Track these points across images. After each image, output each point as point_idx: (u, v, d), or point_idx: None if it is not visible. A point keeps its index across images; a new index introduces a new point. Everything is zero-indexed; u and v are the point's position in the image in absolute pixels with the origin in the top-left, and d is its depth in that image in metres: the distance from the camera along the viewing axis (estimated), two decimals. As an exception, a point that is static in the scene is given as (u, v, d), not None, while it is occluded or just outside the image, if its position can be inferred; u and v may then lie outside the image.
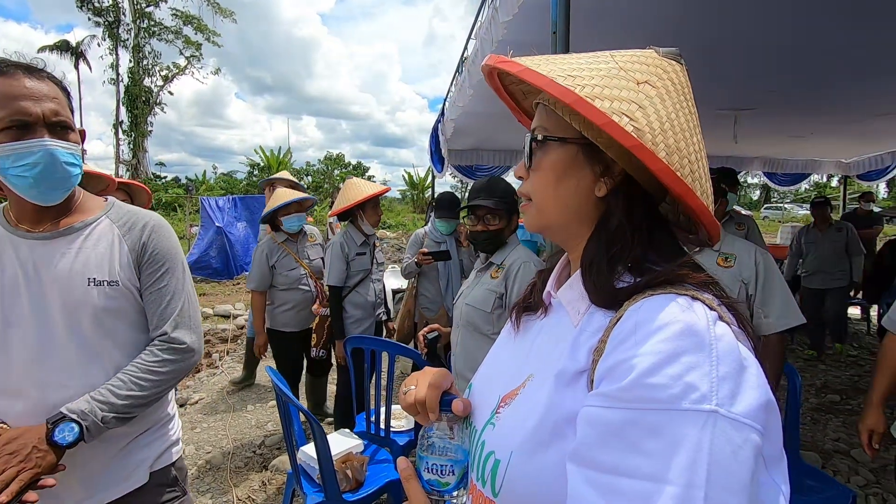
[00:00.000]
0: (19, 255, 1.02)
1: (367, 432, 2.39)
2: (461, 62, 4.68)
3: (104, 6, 23.43)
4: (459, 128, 5.23)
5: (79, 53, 24.65)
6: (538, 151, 0.61)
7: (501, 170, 7.54)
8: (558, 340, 0.59)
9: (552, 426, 0.51)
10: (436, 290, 3.15)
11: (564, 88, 0.50)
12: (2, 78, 0.96)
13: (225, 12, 25.26)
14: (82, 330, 1.03)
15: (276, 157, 25.97)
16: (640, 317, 0.48)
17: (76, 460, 1.02)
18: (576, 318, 0.58)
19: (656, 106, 0.52)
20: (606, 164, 0.57)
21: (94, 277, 1.04)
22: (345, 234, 2.91)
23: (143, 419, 1.12)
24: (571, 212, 0.60)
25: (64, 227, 1.06)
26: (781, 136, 5.85)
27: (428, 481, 0.59)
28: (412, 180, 29.27)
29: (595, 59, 0.55)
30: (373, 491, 1.99)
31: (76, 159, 1.03)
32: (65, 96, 1.04)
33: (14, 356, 1.01)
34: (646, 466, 0.42)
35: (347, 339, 2.52)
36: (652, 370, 0.44)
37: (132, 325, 1.11)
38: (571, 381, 0.52)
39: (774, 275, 1.85)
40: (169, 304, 1.12)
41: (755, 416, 0.42)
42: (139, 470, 1.12)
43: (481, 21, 3.47)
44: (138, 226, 1.12)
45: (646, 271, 0.54)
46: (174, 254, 1.15)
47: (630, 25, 2.78)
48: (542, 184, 0.61)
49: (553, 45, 1.98)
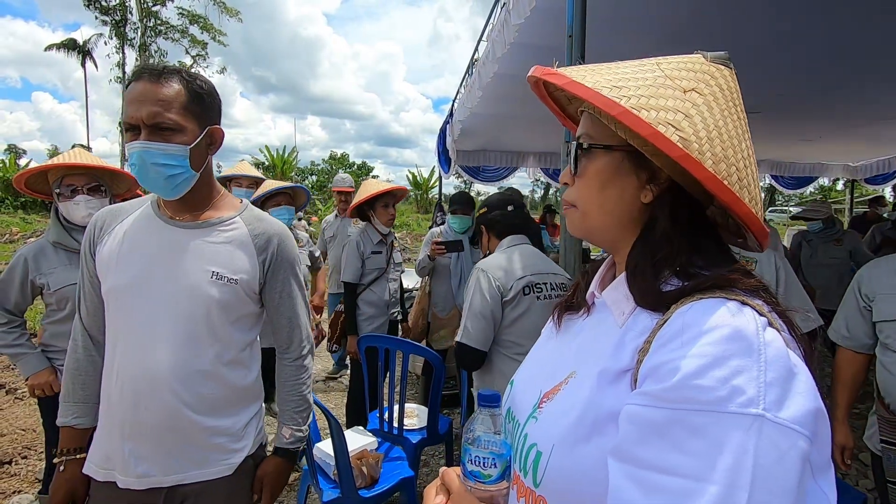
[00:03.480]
0: (160, 237, 1.13)
1: (381, 430, 2.42)
2: (471, 64, 4.70)
3: (111, 5, 23.54)
4: (467, 129, 5.25)
5: (86, 52, 24.76)
6: (584, 158, 0.62)
7: (508, 171, 7.56)
8: (601, 339, 0.60)
9: (592, 422, 0.53)
10: (447, 290, 3.17)
11: (610, 100, 0.51)
12: (133, 83, 1.06)
13: (231, 11, 25.34)
14: (195, 316, 1.11)
15: (282, 156, 26.00)
16: (687, 319, 0.49)
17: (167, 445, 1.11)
18: (620, 318, 0.59)
19: (703, 114, 0.52)
20: (652, 170, 0.58)
21: (218, 272, 1.13)
22: (362, 233, 2.96)
23: (237, 414, 1.19)
24: (616, 217, 0.61)
25: (202, 220, 1.16)
26: (789, 139, 5.86)
27: (471, 472, 0.61)
28: (416, 181, 29.30)
29: (641, 68, 0.56)
30: (387, 488, 2.01)
31: (171, 160, 1.07)
32: (189, 96, 1.08)
33: (131, 323, 1.10)
34: (688, 465, 0.42)
35: (361, 338, 2.55)
36: (699, 372, 0.44)
37: (234, 323, 1.17)
38: (615, 379, 0.54)
39: (793, 279, 1.88)
40: (291, 307, 1.26)
41: (803, 423, 0.42)
42: (228, 459, 1.17)
43: (493, 23, 3.50)
44: (267, 234, 1.21)
45: (693, 275, 0.55)
46: (296, 262, 1.27)
47: (643, 28, 2.80)
48: (587, 190, 0.62)
49: (569, 48, 2.00)
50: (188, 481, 1.13)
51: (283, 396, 1.29)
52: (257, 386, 1.26)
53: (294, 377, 1.30)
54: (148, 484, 1.10)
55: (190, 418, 1.11)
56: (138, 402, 1.09)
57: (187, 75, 1.10)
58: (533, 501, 0.58)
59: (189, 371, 1.11)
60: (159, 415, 1.09)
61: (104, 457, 1.12)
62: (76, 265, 1.84)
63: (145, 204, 1.20)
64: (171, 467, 1.11)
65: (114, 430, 1.11)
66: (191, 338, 1.11)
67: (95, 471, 1.13)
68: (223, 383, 1.15)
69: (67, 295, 1.82)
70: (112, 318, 1.14)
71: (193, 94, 1.09)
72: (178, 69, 1.10)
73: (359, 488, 1.95)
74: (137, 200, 1.22)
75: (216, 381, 1.14)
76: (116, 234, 1.15)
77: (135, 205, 1.21)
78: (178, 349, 1.10)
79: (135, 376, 1.09)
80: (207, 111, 1.13)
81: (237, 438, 1.18)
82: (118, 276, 1.12)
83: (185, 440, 1.12)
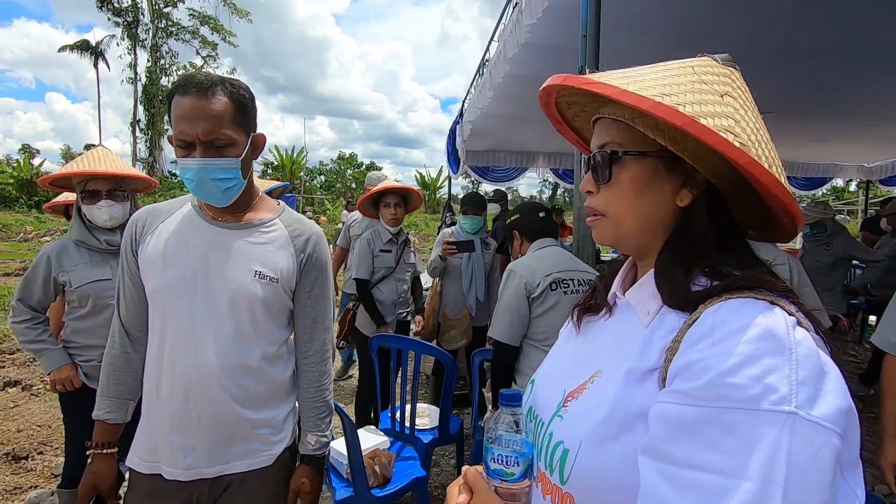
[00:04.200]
0: (205, 237, 1.17)
1: (392, 429, 2.42)
2: (482, 64, 4.70)
3: (123, 6, 23.81)
4: (477, 129, 5.25)
5: (98, 53, 25.05)
6: (615, 166, 0.61)
7: (517, 171, 7.56)
8: (625, 339, 0.61)
9: (620, 420, 0.53)
10: (458, 290, 3.17)
11: (672, 109, 0.51)
12: (177, 97, 1.08)
13: (241, 12, 25.55)
14: (239, 312, 1.15)
15: (291, 156, 26.15)
16: (717, 318, 0.49)
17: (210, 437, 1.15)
18: (645, 318, 0.59)
19: (745, 117, 0.53)
20: (687, 174, 0.58)
21: (260, 271, 1.17)
22: (373, 231, 3.00)
23: (277, 407, 1.24)
24: (650, 223, 0.61)
25: (244, 221, 1.20)
26: (803, 139, 5.80)
27: (494, 471, 0.62)
28: (424, 181, 29.34)
29: (672, 73, 0.56)
30: (400, 487, 2.01)
31: (227, 173, 1.11)
32: (236, 109, 1.10)
33: (180, 320, 1.14)
34: (721, 462, 0.43)
35: (373, 338, 2.56)
36: (731, 370, 0.45)
37: (273, 319, 1.22)
38: (642, 378, 0.54)
39: (805, 280, 1.87)
40: (319, 309, 1.28)
41: (835, 420, 0.43)
42: (268, 450, 1.22)
43: (504, 23, 3.50)
44: (305, 235, 1.25)
45: (723, 275, 0.55)
46: (328, 264, 1.31)
47: (657, 27, 2.79)
48: (619, 198, 0.61)
49: (583, 48, 1.99)
50: (231, 472, 1.17)
51: (306, 403, 1.29)
52: (293, 381, 1.30)
53: (317, 382, 1.30)
54: (194, 475, 1.14)
55: (236, 411, 1.15)
56: (189, 396, 1.12)
57: (230, 85, 1.11)
58: (559, 499, 0.58)
59: (235, 365, 1.15)
60: (208, 408, 1.13)
61: (150, 450, 1.16)
62: (97, 263, 1.88)
63: (185, 204, 1.23)
64: (216, 458, 1.15)
65: (163, 423, 1.14)
66: (237, 334, 1.15)
67: (138, 463, 1.16)
68: (265, 377, 1.20)
69: (88, 292, 1.85)
70: (159, 316, 1.17)
71: (238, 105, 1.11)
72: (221, 79, 1.11)
73: (371, 487, 1.96)
74: (176, 200, 1.25)
75: (259, 375, 1.18)
76: (159, 234, 1.18)
77: (174, 205, 1.24)
78: (225, 345, 1.14)
79: (185, 371, 1.13)
80: (250, 120, 1.16)
81: (277, 431, 1.23)
82: (164, 275, 1.15)
83: (230, 432, 1.16)
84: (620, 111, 0.60)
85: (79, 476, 1.91)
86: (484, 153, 7.11)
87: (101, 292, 1.87)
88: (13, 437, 2.93)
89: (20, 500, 2.44)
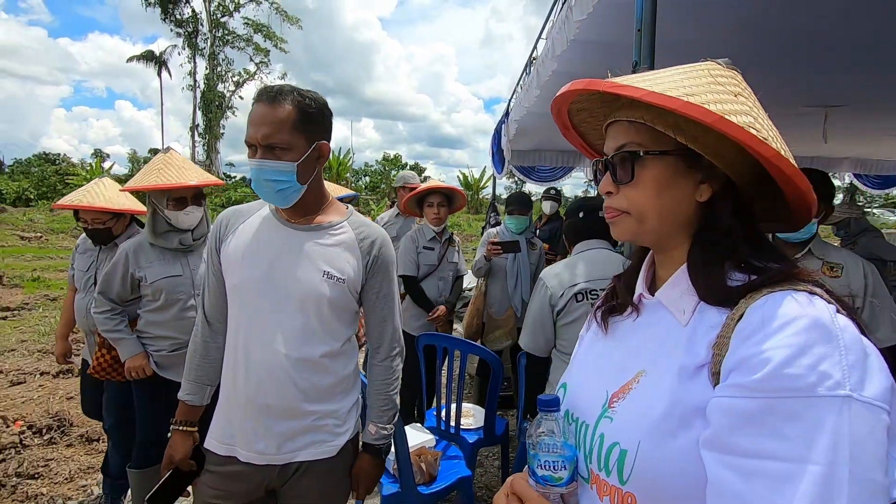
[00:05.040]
0: (278, 238, 1.25)
1: (437, 428, 2.44)
2: (529, 63, 4.65)
3: (185, 17, 25.17)
4: (523, 128, 5.20)
5: (161, 62, 26.63)
6: (636, 166, 0.63)
7: (563, 171, 7.42)
8: (665, 338, 0.63)
9: (679, 416, 0.55)
10: (502, 290, 3.15)
11: (703, 108, 0.53)
12: (253, 104, 1.19)
13: (292, 19, 26.44)
14: (307, 310, 1.22)
15: (337, 158, 26.82)
16: (766, 313, 0.52)
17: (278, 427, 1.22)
18: (682, 316, 0.61)
19: (760, 115, 0.57)
20: (705, 170, 0.61)
21: (328, 271, 1.23)
22: (418, 229, 3.07)
23: (341, 401, 1.30)
24: (673, 219, 0.63)
25: (314, 223, 1.27)
26: (875, 134, 5.38)
27: (542, 477, 0.63)
28: (467, 181, 29.35)
29: (688, 75, 0.59)
30: (445, 486, 2.02)
31: (281, 175, 1.17)
32: (299, 117, 1.17)
33: (254, 315, 1.22)
34: (786, 449, 0.45)
35: (420, 336, 2.58)
36: (787, 362, 0.47)
37: (339, 318, 1.28)
38: (693, 375, 0.56)
39: (883, 289, 1.72)
40: (386, 308, 1.35)
41: (883, 398, 0.46)
42: (332, 441, 1.28)
43: (553, 20, 3.44)
44: (371, 238, 1.31)
45: (757, 269, 0.58)
46: (393, 265, 1.36)
47: (717, 19, 2.66)
48: (642, 196, 0.63)
49: (637, 42, 1.93)
50: (298, 459, 1.24)
51: (373, 396, 1.38)
52: (356, 376, 1.37)
53: (382, 377, 1.37)
54: (265, 460, 1.22)
55: (301, 402, 1.22)
56: (259, 386, 1.21)
57: (299, 95, 1.18)
58: (620, 499, 0.59)
59: (302, 359, 1.22)
60: (276, 398, 1.21)
61: (227, 433, 1.25)
62: (169, 261, 2.01)
63: (264, 206, 1.31)
64: (284, 446, 1.23)
65: (238, 409, 1.23)
66: (304, 330, 1.22)
67: (216, 445, 1.26)
68: (329, 372, 1.26)
69: (161, 287, 1.98)
70: (236, 310, 1.26)
71: (303, 113, 1.17)
72: (292, 90, 1.19)
73: (417, 485, 1.98)
74: (257, 203, 1.33)
75: (324, 369, 1.25)
76: (239, 234, 1.27)
77: (254, 207, 1.33)
78: (293, 340, 1.21)
79: (258, 363, 1.21)
80: (316, 128, 1.21)
81: (341, 422, 1.30)
82: (242, 272, 1.23)
83: (297, 422, 1.23)
84: (639, 113, 0.62)
85: (148, 457, 2.05)
86: (529, 153, 7.02)
87: (173, 287, 2.00)
88: (86, 421, 3.15)
89: (93, 479, 2.62)
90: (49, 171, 24.39)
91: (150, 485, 1.88)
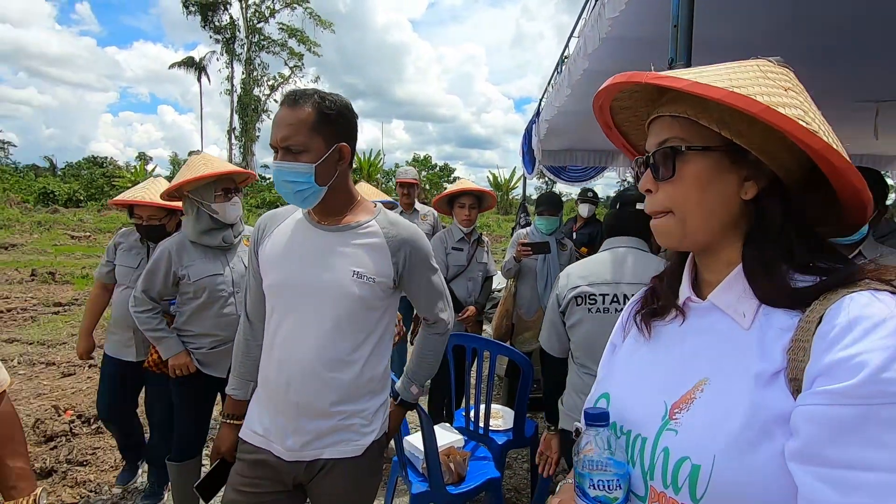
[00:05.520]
0: (309, 239, 1.29)
1: (466, 428, 2.44)
2: (560, 61, 4.60)
3: (223, 24, 26.02)
4: (553, 128, 5.13)
5: (201, 68, 27.62)
6: (678, 162, 0.61)
7: (595, 171, 7.31)
8: (726, 343, 0.59)
9: (760, 427, 0.52)
10: (532, 291, 3.12)
11: (749, 98, 0.51)
12: (279, 108, 1.22)
13: (325, 23, 26.98)
14: (338, 310, 1.24)
15: (369, 159, 27.17)
16: (851, 314, 0.49)
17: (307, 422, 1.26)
18: (743, 320, 0.58)
19: (811, 109, 0.55)
20: (750, 167, 0.59)
21: (358, 271, 1.25)
22: (447, 230, 3.09)
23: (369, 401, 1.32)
24: (718, 218, 0.61)
25: (343, 224, 1.29)
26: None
27: (595, 498, 0.59)
28: (497, 181, 29.23)
29: (734, 70, 0.57)
30: (474, 486, 2.02)
31: (298, 177, 1.19)
32: (318, 119, 1.18)
33: (287, 315, 1.27)
34: (887, 459, 0.43)
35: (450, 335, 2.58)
36: (885, 366, 0.45)
37: (370, 317, 1.30)
38: (769, 381, 0.53)
39: None
40: (432, 295, 1.42)
41: None
42: (358, 441, 1.30)
43: (585, 17, 3.40)
44: (400, 236, 1.32)
45: (824, 270, 0.56)
46: (429, 255, 1.39)
47: (758, 12, 2.57)
48: (685, 194, 0.61)
49: (673, 38, 1.88)
50: (324, 457, 1.27)
51: (419, 360, 1.48)
52: (386, 377, 1.38)
53: (432, 347, 1.48)
54: (294, 456, 1.26)
55: (329, 401, 1.25)
56: (290, 384, 1.24)
57: (320, 98, 1.20)
58: None
59: (331, 359, 1.24)
60: (305, 396, 1.24)
61: (260, 427, 1.30)
62: (210, 259, 2.08)
63: (298, 210, 1.35)
64: (311, 443, 1.26)
65: (270, 406, 1.28)
66: (335, 329, 1.24)
67: (250, 436, 1.31)
68: (360, 371, 1.28)
69: (204, 285, 2.04)
70: (271, 310, 1.30)
71: (321, 115, 1.19)
72: (314, 93, 1.20)
73: (446, 484, 1.99)
74: (292, 206, 1.37)
75: (353, 369, 1.27)
76: (275, 237, 1.32)
77: (289, 210, 1.38)
78: (324, 339, 1.24)
79: (289, 362, 1.24)
80: (335, 130, 1.22)
81: (367, 423, 1.31)
82: (277, 273, 1.28)
83: (325, 421, 1.26)
84: (682, 107, 0.60)
85: (187, 451, 2.13)
86: (560, 152, 6.93)
87: (215, 285, 2.05)
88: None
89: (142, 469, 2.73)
90: (97, 173, 25.64)
91: (189, 477, 1.95)
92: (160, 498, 2.48)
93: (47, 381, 4.06)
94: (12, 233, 13.63)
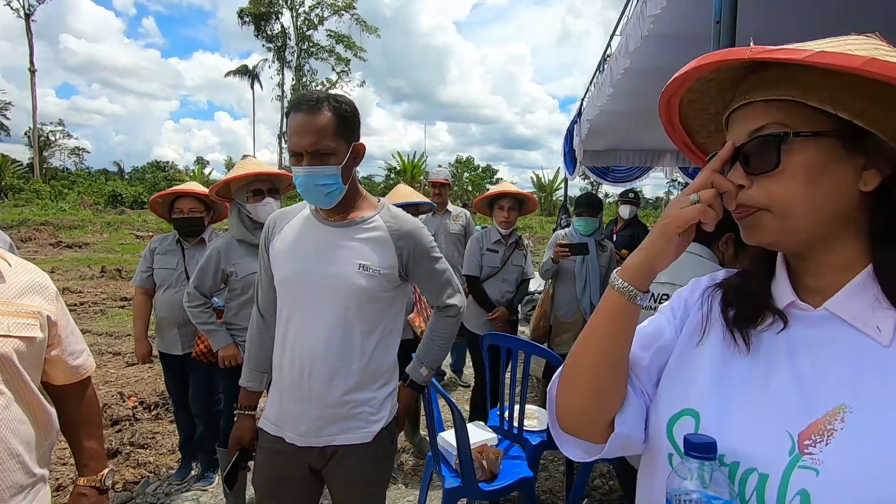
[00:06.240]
0: (317, 235, 1.34)
1: (500, 427, 2.46)
2: (602, 60, 4.53)
3: (274, 33, 27.11)
4: (595, 128, 5.06)
5: (254, 75, 28.89)
6: (781, 152, 0.53)
7: (640, 171, 7.12)
8: (861, 361, 0.51)
9: None
10: (571, 293, 3.09)
11: (892, 64, 0.44)
12: (292, 113, 1.26)
13: (370, 29, 27.61)
14: (345, 302, 1.30)
15: (412, 161, 27.51)
16: None
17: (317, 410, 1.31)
18: (879, 335, 0.51)
19: None
20: (871, 153, 0.51)
21: (363, 264, 1.30)
22: (486, 230, 3.12)
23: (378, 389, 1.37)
24: (829, 213, 0.53)
25: (349, 220, 1.35)
26: None
27: None
28: (540, 183, 28.90)
29: (842, 42, 0.49)
30: (507, 484, 2.04)
31: (328, 179, 1.26)
32: (338, 122, 1.24)
33: (298, 308, 1.32)
34: None
35: (484, 336, 2.62)
36: None
37: (377, 308, 1.35)
38: None
39: None
40: (438, 283, 1.46)
41: None
42: (368, 428, 1.35)
43: (627, 15, 3.34)
44: (403, 229, 1.37)
45: None
46: (431, 246, 1.43)
47: (802, 9, 2.45)
48: (788, 188, 0.53)
49: (716, 35, 1.83)
50: (335, 443, 1.33)
51: (430, 342, 1.50)
52: (394, 367, 1.43)
53: (443, 329, 1.50)
54: (305, 442, 1.33)
55: (339, 390, 1.30)
56: (302, 373, 1.30)
57: (334, 101, 1.25)
58: None
59: (340, 349, 1.30)
60: (317, 385, 1.30)
61: (276, 416, 1.37)
62: (255, 257, 2.19)
63: (305, 207, 1.41)
64: (323, 430, 1.32)
65: (284, 395, 1.35)
66: (343, 321, 1.30)
67: (268, 425, 1.38)
68: (369, 361, 1.33)
69: (250, 282, 2.17)
70: (283, 304, 1.37)
71: (340, 118, 1.25)
72: (326, 96, 1.25)
73: (479, 481, 2.02)
74: (300, 204, 1.43)
75: (361, 358, 1.32)
76: (285, 233, 1.38)
77: (297, 208, 1.43)
78: (333, 330, 1.30)
79: (300, 352, 1.31)
80: (351, 130, 1.29)
81: (376, 412, 1.36)
82: (287, 268, 1.34)
83: (335, 409, 1.31)
84: (781, 89, 0.52)
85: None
86: (603, 153, 6.80)
87: None
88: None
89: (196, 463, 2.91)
90: (159, 177, 27.37)
91: None
92: (211, 481, 2.66)
93: (114, 369, 4.39)
94: (85, 232, 14.75)
